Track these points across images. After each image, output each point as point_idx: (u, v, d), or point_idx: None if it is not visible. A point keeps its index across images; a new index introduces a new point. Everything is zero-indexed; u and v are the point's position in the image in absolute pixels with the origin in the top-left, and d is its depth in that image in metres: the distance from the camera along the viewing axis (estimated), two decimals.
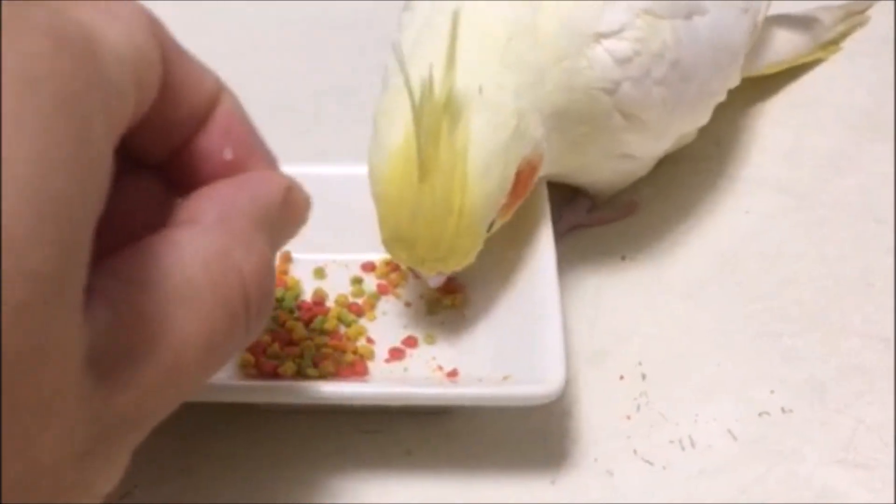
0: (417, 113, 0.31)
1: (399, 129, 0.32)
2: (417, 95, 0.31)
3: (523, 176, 0.34)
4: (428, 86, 0.30)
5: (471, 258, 0.34)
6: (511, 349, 0.33)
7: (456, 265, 0.34)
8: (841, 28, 0.53)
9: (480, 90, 0.32)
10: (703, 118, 0.42)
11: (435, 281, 0.35)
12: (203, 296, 0.23)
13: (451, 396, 0.32)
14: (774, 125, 0.49)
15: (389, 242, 0.34)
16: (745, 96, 0.47)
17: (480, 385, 0.32)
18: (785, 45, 0.49)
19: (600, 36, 0.35)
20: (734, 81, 0.43)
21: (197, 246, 0.24)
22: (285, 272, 0.39)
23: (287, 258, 0.39)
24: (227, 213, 0.25)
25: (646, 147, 0.40)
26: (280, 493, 0.32)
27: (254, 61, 0.55)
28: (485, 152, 0.32)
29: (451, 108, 0.31)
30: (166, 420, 0.33)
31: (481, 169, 0.32)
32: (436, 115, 0.31)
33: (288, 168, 0.29)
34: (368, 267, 0.39)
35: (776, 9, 0.47)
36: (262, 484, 0.32)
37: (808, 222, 0.43)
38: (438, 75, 0.31)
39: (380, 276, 0.39)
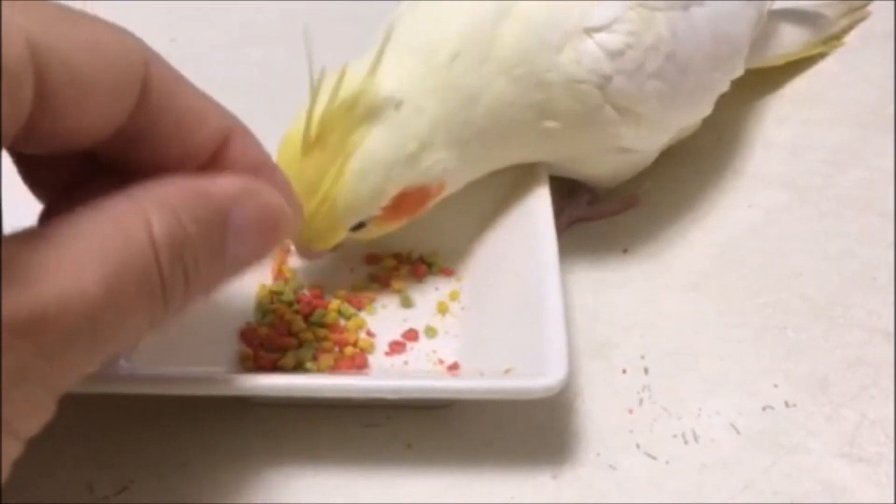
0: (313, 93, 0.32)
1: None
2: (327, 85, 0.32)
3: (410, 199, 0.35)
4: (339, 79, 0.32)
5: (327, 243, 0.35)
6: (513, 342, 0.33)
7: (313, 242, 0.35)
8: (844, 23, 0.53)
9: (397, 107, 0.34)
10: (705, 109, 0.42)
11: (305, 254, 0.36)
12: (102, 234, 0.24)
13: (453, 389, 0.31)
14: (777, 120, 0.49)
15: None
16: (747, 91, 0.47)
17: (482, 378, 0.32)
18: (789, 39, 0.49)
19: (590, 30, 0.35)
20: (737, 72, 0.42)
21: (114, 201, 0.25)
22: (283, 263, 0.38)
23: (286, 250, 0.39)
24: (157, 187, 0.26)
25: (644, 140, 0.39)
26: (279, 487, 0.32)
27: (261, 55, 0.55)
28: (369, 162, 0.33)
29: (356, 111, 0.33)
30: (164, 414, 0.33)
31: (358, 174, 0.33)
32: (340, 109, 0.33)
33: None
34: (371, 259, 0.39)
35: (780, 3, 0.47)
36: (261, 478, 0.32)
37: (812, 217, 0.42)
38: (361, 76, 0.33)
39: (380, 270, 0.39)
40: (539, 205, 0.37)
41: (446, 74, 0.34)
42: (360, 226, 0.35)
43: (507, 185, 0.38)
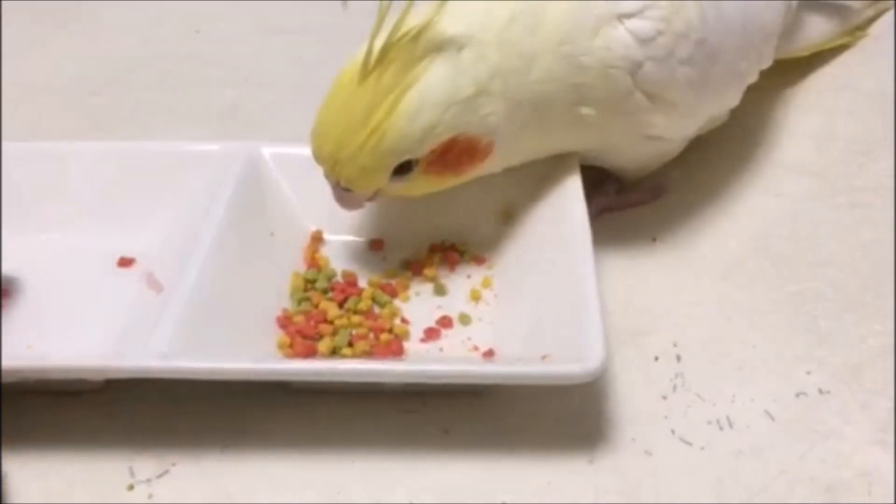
0: (379, 20, 0.32)
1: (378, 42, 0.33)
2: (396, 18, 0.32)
3: (459, 149, 0.34)
4: (405, 11, 0.32)
5: (367, 183, 0.35)
6: (548, 329, 0.33)
7: (350, 178, 0.34)
8: (869, 13, 0.53)
9: (460, 50, 0.33)
10: (734, 99, 0.42)
11: (344, 199, 0.36)
12: None
13: (494, 375, 0.32)
14: (802, 110, 0.49)
15: (313, 131, 0.35)
16: (773, 81, 0.47)
17: (523, 364, 0.32)
18: (816, 29, 0.49)
19: (622, 16, 0.35)
20: (766, 62, 0.42)
21: None
22: (316, 251, 0.39)
23: (318, 238, 0.39)
24: None
25: (673, 128, 0.39)
26: (317, 471, 0.32)
27: (285, 44, 0.56)
28: (425, 98, 0.33)
29: (421, 42, 0.33)
30: (204, 399, 0.34)
31: (413, 109, 0.33)
32: (403, 40, 0.32)
33: None
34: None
35: None
36: (300, 463, 0.32)
37: (840, 206, 0.42)
38: (431, 10, 0.32)
39: (412, 258, 0.39)
40: (571, 192, 0.37)
41: (506, 32, 0.34)
42: (404, 170, 0.34)
43: (539, 174, 0.39)
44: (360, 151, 0.33)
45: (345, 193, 0.36)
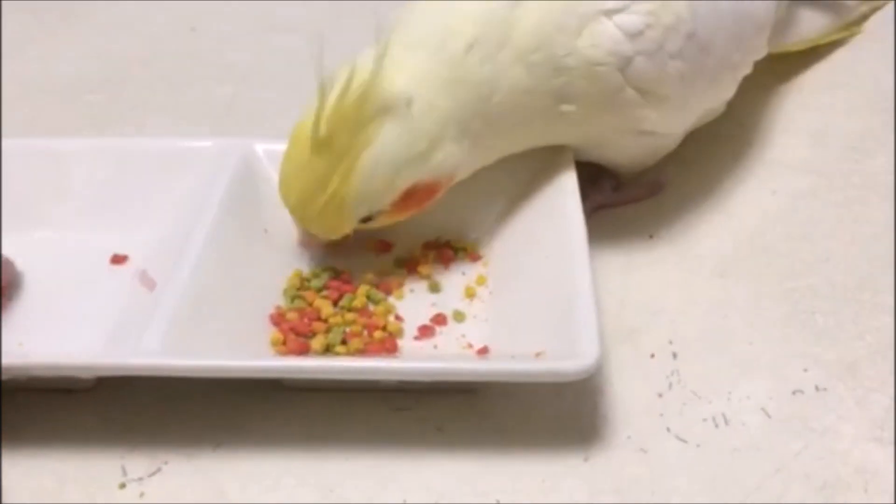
0: (321, 92, 0.33)
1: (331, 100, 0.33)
2: (338, 82, 0.33)
3: (419, 193, 0.35)
4: (349, 77, 0.32)
5: (336, 234, 0.36)
6: (542, 326, 0.33)
7: (321, 233, 0.36)
8: (863, 9, 0.53)
9: (409, 103, 0.34)
10: (728, 91, 0.42)
11: (305, 243, 0.37)
12: None
13: (487, 372, 0.31)
14: (799, 107, 0.49)
15: (279, 182, 0.35)
16: (768, 78, 0.47)
17: (515, 361, 0.32)
18: (809, 24, 0.49)
19: (608, 12, 0.35)
20: (760, 54, 0.42)
21: None
22: (309, 247, 0.38)
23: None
24: None
25: (667, 123, 0.39)
26: (310, 469, 0.32)
27: (281, 43, 0.55)
28: (379, 159, 0.33)
29: (366, 109, 0.33)
30: (197, 397, 0.33)
31: (368, 171, 0.33)
32: (350, 106, 0.33)
33: None
34: (384, 247, 0.39)
35: None
36: (293, 460, 0.32)
37: (837, 202, 0.42)
38: (368, 72, 0.33)
39: (407, 255, 0.39)
40: (566, 188, 0.37)
41: (460, 66, 0.34)
42: (367, 220, 0.35)
43: (533, 170, 0.38)
44: (323, 214, 0.34)
45: (311, 238, 0.37)
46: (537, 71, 0.35)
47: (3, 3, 0.59)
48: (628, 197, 0.42)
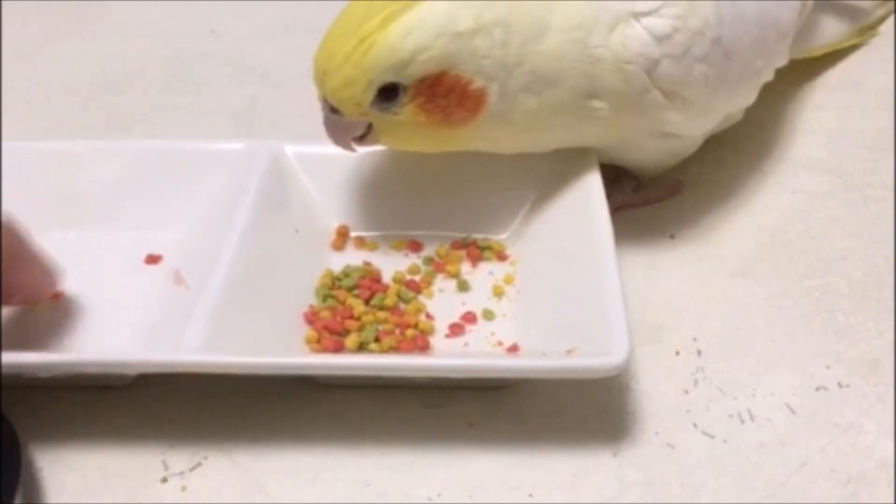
0: None
1: None
2: None
3: (446, 84, 0.34)
4: None
5: (351, 97, 0.34)
6: (572, 324, 0.34)
7: (335, 91, 0.34)
8: (880, 13, 0.54)
9: None
10: (750, 97, 0.42)
11: (332, 125, 0.36)
12: None
13: (520, 369, 0.32)
14: (816, 108, 0.49)
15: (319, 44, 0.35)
16: (786, 80, 0.47)
17: (549, 358, 0.32)
18: (828, 30, 0.50)
19: (638, 14, 0.35)
20: (782, 61, 0.43)
21: None
22: (340, 248, 0.39)
23: (344, 233, 0.39)
24: None
25: (690, 126, 0.40)
26: (346, 465, 0.32)
27: (300, 44, 0.56)
28: (420, 20, 0.33)
29: None
30: (235, 394, 0.34)
31: (405, 27, 0.33)
32: None
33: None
34: (414, 247, 0.40)
35: None
36: (329, 456, 0.33)
37: (856, 202, 0.43)
38: None
39: (435, 255, 0.39)
40: (591, 188, 0.38)
41: (511, 8, 0.34)
42: (391, 96, 0.34)
43: (558, 171, 0.39)
44: (346, 61, 0.33)
45: (333, 117, 0.35)
46: (574, 48, 0.35)
47: (22, 4, 0.59)
48: (649, 197, 0.43)
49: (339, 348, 0.34)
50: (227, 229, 0.36)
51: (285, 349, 0.34)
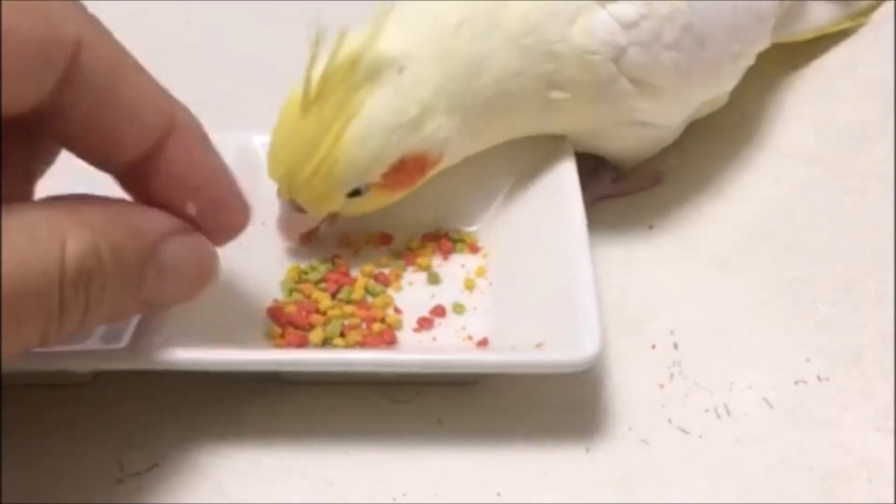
0: (313, 52, 0.32)
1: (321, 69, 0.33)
2: (328, 47, 0.32)
3: (408, 167, 0.35)
4: (340, 39, 0.32)
5: (322, 207, 0.35)
6: (543, 317, 0.33)
7: (306, 201, 0.35)
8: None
9: (400, 70, 0.33)
10: (728, 83, 0.41)
11: (297, 221, 0.36)
12: (13, 244, 0.24)
13: (487, 363, 0.31)
14: (800, 96, 0.48)
15: (268, 154, 0.35)
16: (771, 66, 0.46)
17: (516, 352, 0.31)
18: (816, 14, 0.48)
19: (603, 1, 0.34)
20: (762, 44, 0.42)
21: (36, 210, 0.25)
22: (308, 241, 0.38)
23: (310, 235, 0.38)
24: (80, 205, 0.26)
25: (662, 114, 0.39)
26: (310, 463, 0.31)
27: (278, 35, 0.55)
28: (370, 124, 0.33)
29: (359, 69, 0.33)
30: (194, 392, 0.33)
31: (359, 137, 0.33)
32: (341, 68, 0.32)
33: None
34: (385, 240, 0.39)
35: None
36: (292, 455, 0.32)
37: (839, 192, 0.42)
38: (364, 37, 0.32)
39: (405, 247, 0.38)
40: (566, 178, 0.36)
41: (452, 40, 0.34)
42: (356, 193, 0.35)
43: (533, 161, 0.38)
44: (312, 180, 0.34)
45: (297, 215, 0.36)
46: (528, 55, 0.34)
47: None
48: (628, 188, 0.42)
49: (303, 343, 0.33)
50: None
51: (247, 345, 0.33)
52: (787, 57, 0.48)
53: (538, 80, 0.35)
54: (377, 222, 0.38)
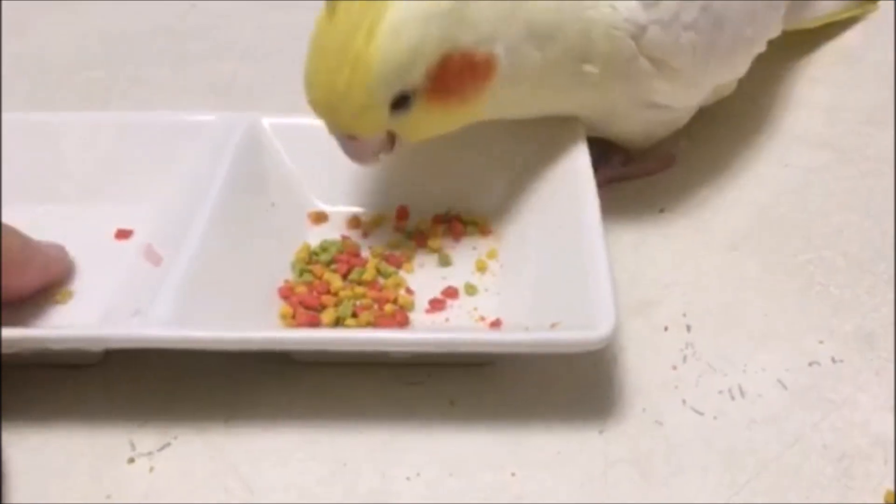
0: None
1: None
2: None
3: (454, 67, 0.32)
4: None
5: (367, 123, 0.32)
6: (556, 298, 0.33)
7: (350, 121, 0.32)
8: None
9: None
10: (741, 68, 0.41)
11: (353, 150, 0.33)
12: None
13: (502, 342, 0.31)
14: (811, 81, 0.48)
15: (304, 83, 0.32)
16: (781, 53, 0.46)
17: (533, 332, 0.31)
18: (826, 1, 0.48)
19: None
20: (774, 31, 0.42)
21: None
22: (319, 222, 0.38)
23: (321, 214, 0.38)
24: None
25: (678, 96, 0.38)
26: (322, 443, 0.31)
27: (282, 17, 0.55)
28: (403, 15, 0.30)
29: None
30: (206, 371, 0.33)
31: (393, 28, 0.30)
32: None
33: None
34: (402, 214, 0.38)
35: None
36: (304, 435, 0.31)
37: (851, 176, 0.42)
38: None
39: (416, 229, 0.38)
40: (578, 160, 0.36)
41: None
42: (404, 103, 0.32)
43: (544, 143, 0.38)
44: (350, 89, 0.31)
45: (352, 143, 0.33)
46: (566, 6, 0.33)
47: None
48: (639, 171, 0.42)
49: (314, 324, 0.33)
50: (201, 202, 0.35)
51: (259, 325, 0.33)
52: (798, 43, 0.48)
53: (575, 37, 0.34)
54: (387, 202, 0.38)
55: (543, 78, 0.35)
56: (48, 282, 0.35)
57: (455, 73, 0.32)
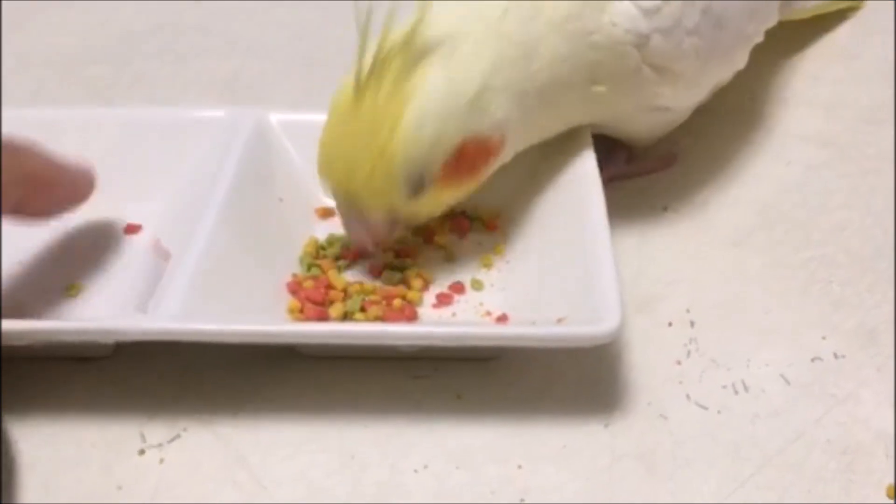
0: (362, 34, 0.31)
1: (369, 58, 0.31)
2: (380, 29, 0.31)
3: (470, 154, 0.33)
4: (389, 18, 0.31)
5: (384, 206, 0.33)
6: (562, 293, 0.33)
7: (366, 205, 0.33)
8: None
9: (454, 50, 0.32)
10: (740, 63, 0.41)
11: (360, 233, 0.34)
12: None
13: (511, 337, 0.31)
14: (811, 79, 0.48)
15: (319, 161, 0.33)
16: (780, 51, 0.47)
17: (540, 326, 0.32)
18: None
19: None
20: (771, 21, 0.42)
21: None
22: (326, 217, 0.38)
23: (328, 210, 0.38)
24: None
25: (681, 98, 0.39)
26: (330, 437, 0.31)
27: (288, 15, 0.55)
28: (427, 107, 0.31)
29: (411, 50, 0.31)
30: (215, 364, 0.33)
31: (416, 121, 0.31)
32: (392, 50, 0.31)
33: None
34: None
35: None
36: (313, 428, 0.32)
37: (852, 173, 0.42)
38: (416, 14, 0.31)
39: (422, 225, 0.38)
40: (584, 157, 0.37)
41: (500, 23, 0.33)
42: (419, 188, 0.33)
43: (549, 141, 0.38)
44: (371, 179, 0.32)
45: (360, 224, 0.34)
46: (573, 41, 0.34)
47: None
48: (642, 168, 0.42)
49: (323, 318, 0.34)
50: (209, 198, 0.35)
51: (267, 319, 0.33)
52: (797, 41, 0.49)
53: (583, 70, 0.35)
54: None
55: (550, 118, 0.36)
56: (76, 201, 0.34)
57: (470, 157, 0.33)
